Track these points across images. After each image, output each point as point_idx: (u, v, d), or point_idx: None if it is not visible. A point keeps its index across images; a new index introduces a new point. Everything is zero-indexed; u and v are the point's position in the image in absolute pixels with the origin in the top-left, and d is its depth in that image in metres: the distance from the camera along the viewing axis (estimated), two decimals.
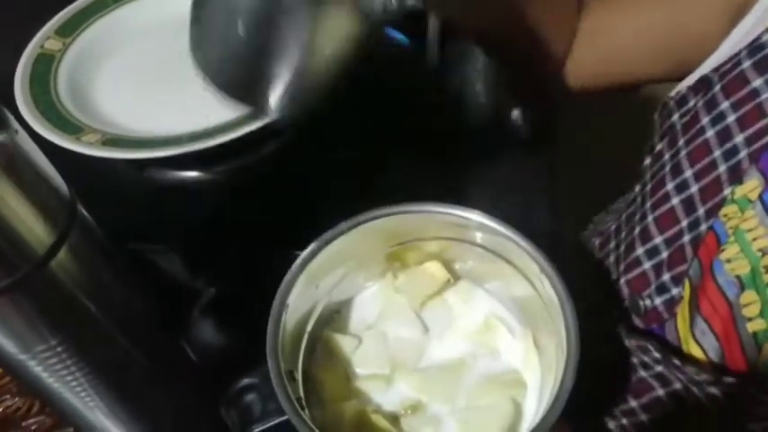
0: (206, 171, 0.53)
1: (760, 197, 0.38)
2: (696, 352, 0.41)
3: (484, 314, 0.41)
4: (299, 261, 0.37)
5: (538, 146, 0.69)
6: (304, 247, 0.38)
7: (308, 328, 0.39)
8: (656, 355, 0.45)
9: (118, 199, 0.50)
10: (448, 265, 0.42)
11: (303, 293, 0.37)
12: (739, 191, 0.40)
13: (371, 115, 0.58)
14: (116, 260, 0.40)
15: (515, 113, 0.73)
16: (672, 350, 0.44)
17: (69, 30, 0.56)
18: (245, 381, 0.37)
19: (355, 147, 0.55)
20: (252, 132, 0.46)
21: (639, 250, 0.48)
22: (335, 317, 0.42)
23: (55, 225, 0.32)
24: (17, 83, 0.51)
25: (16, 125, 0.30)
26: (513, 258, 0.38)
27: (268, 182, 0.53)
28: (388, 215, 0.38)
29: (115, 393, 0.41)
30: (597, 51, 0.54)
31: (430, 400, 0.38)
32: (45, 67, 0.53)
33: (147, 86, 0.55)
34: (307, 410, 0.34)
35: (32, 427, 0.51)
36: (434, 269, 0.42)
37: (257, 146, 0.53)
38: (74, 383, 0.38)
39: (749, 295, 0.38)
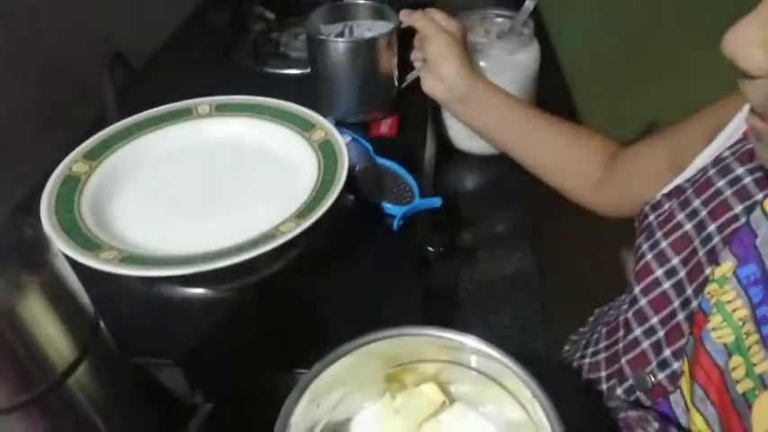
0: (212, 288, 0.56)
1: (734, 273, 0.45)
2: (698, 420, 0.45)
3: None
4: (303, 380, 0.39)
5: (526, 266, 0.72)
6: (304, 368, 0.40)
7: None
8: (656, 424, 0.48)
9: (126, 314, 0.53)
10: (444, 387, 0.44)
11: (305, 412, 0.39)
12: (718, 272, 0.46)
13: (373, 239, 0.62)
14: (127, 378, 0.41)
15: (504, 236, 0.78)
16: (672, 423, 0.47)
17: (96, 154, 0.61)
18: None
19: (357, 269, 0.58)
20: (260, 254, 0.50)
21: (637, 331, 0.53)
22: None
23: (77, 343, 0.34)
24: (44, 202, 0.55)
25: (56, 248, 0.33)
26: (507, 382, 0.40)
27: (273, 300, 0.55)
28: (388, 338, 0.41)
29: None
30: (620, 191, 0.68)
31: None
32: (70, 188, 0.57)
33: (162, 208, 0.59)
34: None
35: None
36: (431, 391, 0.43)
37: (264, 266, 0.57)
38: None
39: (736, 360, 0.43)
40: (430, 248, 0.61)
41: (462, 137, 0.85)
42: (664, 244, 0.52)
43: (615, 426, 0.53)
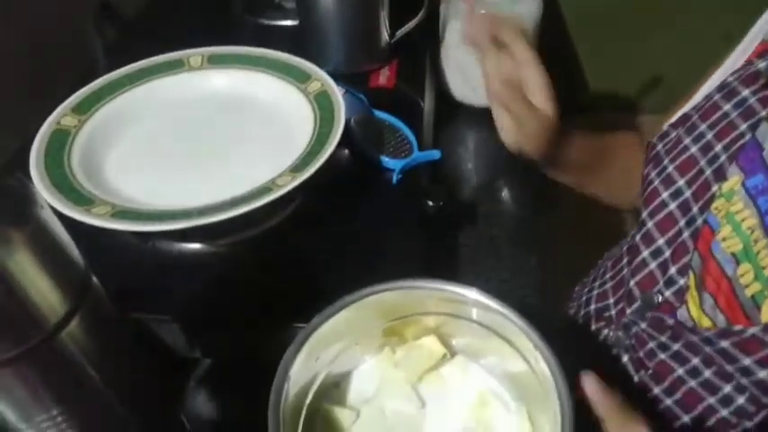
0: (208, 243, 0.55)
1: (742, 185, 0.46)
2: (707, 324, 0.46)
3: (479, 389, 0.42)
4: (302, 333, 0.38)
5: (526, 222, 0.72)
6: (303, 321, 0.39)
7: (308, 400, 0.40)
8: (669, 330, 0.49)
9: (123, 269, 0.52)
10: (444, 340, 0.43)
11: (304, 365, 0.38)
12: (725, 186, 0.48)
13: (372, 193, 0.61)
14: (121, 331, 0.41)
15: (504, 192, 0.77)
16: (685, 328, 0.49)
17: (85, 107, 0.59)
18: None
19: (355, 224, 0.57)
20: (256, 208, 0.49)
21: (645, 253, 0.54)
22: (335, 390, 0.42)
23: (69, 296, 0.33)
24: (33, 156, 0.54)
25: (42, 200, 0.31)
26: (508, 335, 0.40)
27: (270, 255, 0.54)
28: (388, 290, 0.40)
29: None
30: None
31: None
32: (60, 142, 0.56)
33: (155, 162, 0.58)
34: None
35: None
36: (431, 344, 0.43)
37: (260, 220, 0.55)
38: None
39: (744, 267, 0.44)
40: (429, 202, 0.60)
41: (462, 88, 0.83)
42: (671, 168, 0.53)
43: (616, 371, 0.54)
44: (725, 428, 0.47)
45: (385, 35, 0.76)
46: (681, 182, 0.52)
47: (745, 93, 0.51)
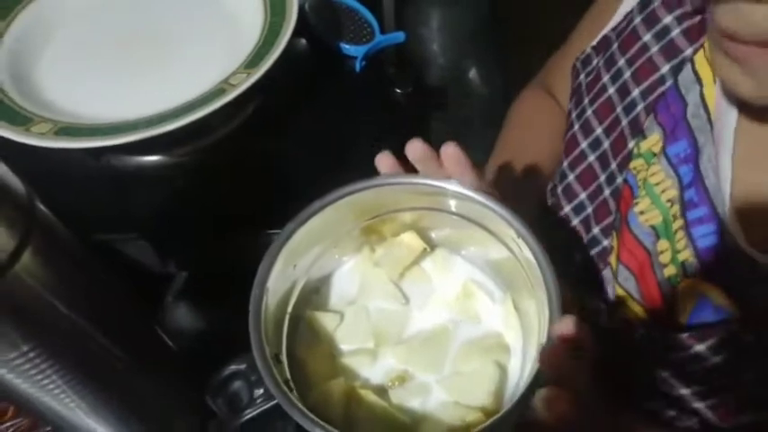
0: (166, 155, 0.52)
1: (663, 151, 0.41)
2: (622, 294, 0.44)
3: (462, 281, 0.42)
4: (276, 242, 0.36)
5: (493, 106, 0.69)
6: (277, 228, 0.37)
7: (289, 309, 0.39)
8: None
9: (77, 190, 0.49)
10: (423, 234, 0.42)
11: (282, 274, 0.37)
12: (644, 145, 0.43)
13: (335, 85, 0.57)
14: (82, 255, 0.38)
15: (472, 72, 0.73)
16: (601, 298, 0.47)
17: (3, 13, 0.53)
18: (231, 368, 0.37)
19: (321, 119, 0.54)
20: (210, 114, 0.45)
21: (567, 208, 0.50)
22: (315, 295, 0.41)
23: (14, 229, 0.30)
24: None
25: None
26: (489, 224, 0.38)
27: (233, 161, 0.51)
28: (362, 189, 0.38)
29: (95, 390, 0.40)
30: None
31: (416, 370, 0.39)
32: None
33: (92, 69, 0.53)
34: (295, 393, 0.34)
35: (9, 431, 0.49)
36: (410, 240, 0.41)
37: (218, 125, 0.52)
38: (51, 386, 0.37)
39: (663, 243, 0.40)
40: (397, 90, 0.57)
41: None
42: (589, 112, 0.48)
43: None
44: None
45: None
46: (599, 130, 0.47)
47: (668, 19, 0.43)
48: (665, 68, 0.43)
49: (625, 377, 0.43)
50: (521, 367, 0.38)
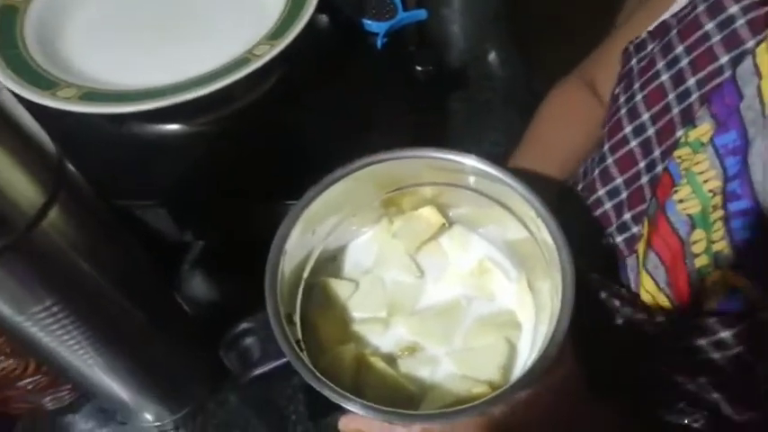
0: (188, 123, 0.52)
1: (711, 140, 0.40)
2: (648, 284, 0.43)
3: (478, 258, 0.42)
4: (296, 208, 0.37)
5: (514, 88, 0.68)
6: (294, 200, 0.38)
7: (305, 274, 0.40)
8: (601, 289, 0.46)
9: (99, 155, 0.49)
10: (443, 210, 0.42)
11: (300, 240, 0.37)
12: (693, 134, 0.42)
13: (356, 60, 0.57)
14: (106, 217, 0.39)
15: (493, 54, 0.73)
16: (621, 286, 0.46)
17: None
18: (244, 325, 0.37)
19: (341, 93, 0.54)
20: (232, 83, 0.45)
21: (601, 191, 0.50)
22: (332, 263, 0.42)
23: (44, 185, 0.31)
24: None
25: None
26: (508, 202, 0.39)
27: (253, 132, 0.52)
28: (383, 161, 0.38)
29: (113, 349, 0.41)
30: None
31: (427, 341, 0.39)
32: (9, 21, 0.51)
33: (118, 37, 0.53)
34: (306, 354, 0.35)
35: (28, 387, 0.50)
36: (429, 214, 0.42)
37: (239, 95, 0.52)
38: (71, 342, 0.38)
39: (698, 233, 0.40)
40: (418, 67, 0.57)
41: None
42: (638, 97, 0.47)
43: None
44: None
45: None
46: (645, 116, 0.46)
47: (734, 9, 0.42)
48: (725, 59, 0.42)
49: (628, 366, 0.43)
50: (531, 345, 0.39)
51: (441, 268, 0.42)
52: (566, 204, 0.53)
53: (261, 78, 0.51)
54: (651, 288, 0.43)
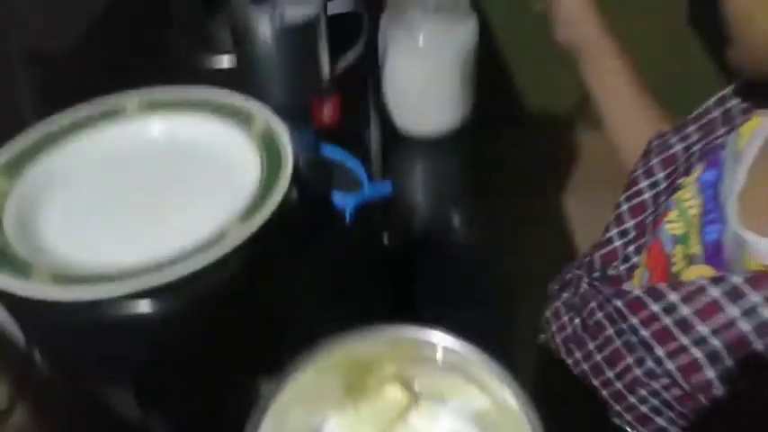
0: (160, 300, 0.53)
1: (697, 178, 0.51)
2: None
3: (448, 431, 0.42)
4: (261, 401, 0.37)
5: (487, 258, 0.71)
6: (266, 375, 0.38)
7: None
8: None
9: (67, 337, 0.49)
10: (407, 383, 0.43)
11: None
12: (690, 179, 0.52)
13: (324, 234, 0.60)
14: (74, 405, 0.38)
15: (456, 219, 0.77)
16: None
17: (15, 168, 0.56)
18: None
19: (312, 268, 0.56)
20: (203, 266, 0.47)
21: (613, 231, 0.59)
22: None
23: (10, 382, 0.31)
24: None
25: None
26: (474, 373, 0.39)
27: (224, 310, 0.52)
28: (346, 342, 0.39)
29: None
30: None
31: None
32: None
33: (93, 219, 0.55)
34: None
35: None
36: (395, 393, 0.42)
37: (209, 273, 0.53)
38: None
39: (678, 248, 0.49)
40: (386, 242, 0.59)
41: (407, 119, 0.82)
42: (654, 161, 0.57)
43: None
44: (637, 386, 0.49)
45: (326, 69, 0.76)
46: (660, 175, 0.56)
47: (733, 102, 0.54)
48: (722, 130, 0.52)
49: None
50: None
51: None
52: None
53: (231, 254, 0.53)
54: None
